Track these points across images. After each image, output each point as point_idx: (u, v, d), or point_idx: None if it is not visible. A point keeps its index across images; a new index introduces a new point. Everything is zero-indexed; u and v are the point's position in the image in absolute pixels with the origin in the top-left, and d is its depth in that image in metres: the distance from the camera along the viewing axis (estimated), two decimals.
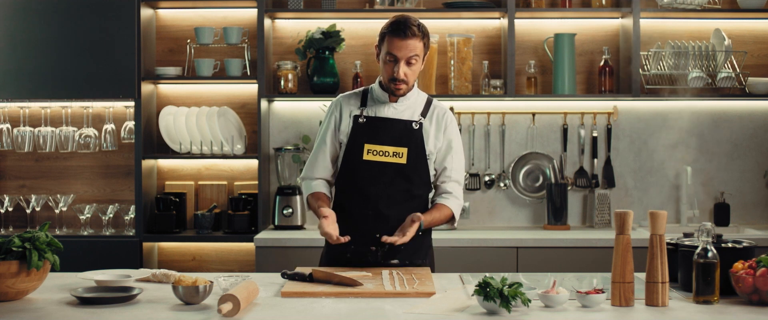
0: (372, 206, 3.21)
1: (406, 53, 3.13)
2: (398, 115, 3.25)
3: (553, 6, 4.89)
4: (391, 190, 3.21)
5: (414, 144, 3.22)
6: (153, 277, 3.02)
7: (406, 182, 3.22)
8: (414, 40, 3.12)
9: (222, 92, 4.98)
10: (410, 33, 3.12)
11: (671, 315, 2.51)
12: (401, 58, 3.13)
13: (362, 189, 3.22)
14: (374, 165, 3.20)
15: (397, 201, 3.22)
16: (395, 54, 3.13)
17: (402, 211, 3.20)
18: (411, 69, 3.17)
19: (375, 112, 3.25)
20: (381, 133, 3.22)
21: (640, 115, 4.93)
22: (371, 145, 3.21)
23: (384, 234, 3.17)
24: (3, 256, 2.67)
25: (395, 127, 3.23)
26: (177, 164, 4.98)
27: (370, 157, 3.21)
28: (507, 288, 2.46)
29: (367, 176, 3.21)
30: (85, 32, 4.64)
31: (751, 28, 4.94)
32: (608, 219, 4.81)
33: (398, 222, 3.19)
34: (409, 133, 3.22)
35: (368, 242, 3.20)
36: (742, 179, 4.93)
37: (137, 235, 4.67)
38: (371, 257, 3.21)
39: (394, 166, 3.20)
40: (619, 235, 2.62)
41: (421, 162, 3.23)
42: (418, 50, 3.15)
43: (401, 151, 3.21)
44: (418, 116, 3.25)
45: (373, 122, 3.24)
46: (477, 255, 4.36)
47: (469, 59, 4.79)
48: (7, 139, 4.84)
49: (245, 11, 4.92)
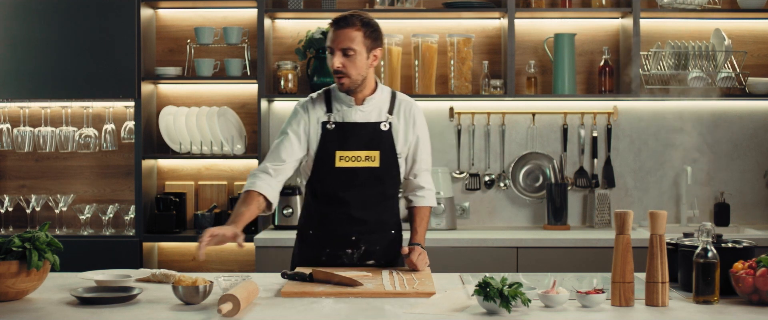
0: (347, 210, 3.20)
1: (341, 43, 3.09)
2: (366, 117, 3.21)
3: (553, 6, 4.89)
4: (365, 193, 3.20)
5: (385, 146, 3.20)
6: (153, 277, 3.02)
7: (380, 184, 3.22)
8: (349, 30, 3.09)
9: (222, 92, 4.98)
10: (345, 23, 3.10)
11: (671, 315, 2.51)
12: (336, 48, 3.10)
13: (336, 195, 3.20)
14: (347, 171, 3.18)
15: (372, 203, 3.23)
16: (331, 45, 3.12)
17: (377, 213, 3.24)
18: (350, 60, 3.11)
19: (343, 117, 3.21)
20: (351, 139, 3.18)
21: (640, 115, 4.92)
22: (343, 152, 3.18)
23: (359, 237, 3.20)
24: (3, 256, 2.67)
25: (365, 130, 3.20)
26: (177, 164, 4.98)
27: (343, 163, 3.18)
28: (507, 288, 2.46)
29: (340, 182, 3.19)
30: (85, 32, 4.64)
31: (751, 28, 4.94)
32: (608, 219, 4.81)
33: (374, 224, 3.22)
34: (380, 136, 3.20)
35: (344, 245, 3.22)
36: (742, 179, 4.93)
37: (137, 235, 4.67)
38: (347, 259, 3.22)
39: (368, 170, 3.19)
40: (619, 235, 2.62)
41: (393, 163, 3.23)
42: (356, 41, 3.10)
43: (373, 154, 3.19)
44: (385, 115, 3.23)
45: (342, 128, 3.19)
46: (477, 255, 4.36)
47: (469, 59, 4.79)
48: (7, 139, 4.84)
49: (245, 11, 4.92)
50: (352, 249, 3.22)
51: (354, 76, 3.14)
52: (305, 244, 3.29)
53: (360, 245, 3.22)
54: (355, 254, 3.23)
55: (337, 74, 3.13)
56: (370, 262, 3.25)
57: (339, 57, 3.11)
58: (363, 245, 3.23)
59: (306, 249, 3.27)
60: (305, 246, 3.28)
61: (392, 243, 3.29)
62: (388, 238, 3.28)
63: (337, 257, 3.22)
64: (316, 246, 3.23)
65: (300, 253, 3.31)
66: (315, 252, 3.23)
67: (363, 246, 3.23)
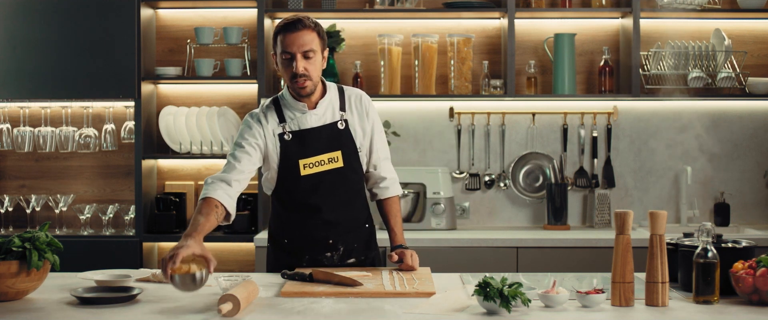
0: (320, 215, 3.18)
1: (301, 46, 3.03)
2: (321, 120, 3.17)
3: (553, 6, 4.89)
4: (334, 195, 3.18)
5: (345, 144, 3.18)
6: (153, 277, 3.02)
7: (347, 182, 3.20)
8: (305, 32, 3.04)
9: (222, 92, 4.98)
10: (300, 25, 3.04)
11: (671, 315, 2.51)
12: (297, 52, 3.04)
13: (306, 201, 3.17)
14: (313, 177, 3.15)
15: (343, 203, 3.21)
16: (289, 50, 3.05)
17: (348, 211, 3.23)
18: (311, 63, 3.05)
19: (298, 125, 3.15)
20: (312, 145, 3.14)
21: (640, 115, 4.92)
22: (306, 160, 3.13)
23: (336, 239, 3.20)
24: (3, 256, 2.67)
25: (323, 133, 3.16)
26: (177, 164, 4.98)
27: (308, 170, 3.13)
28: (507, 288, 2.46)
29: (308, 188, 3.16)
30: (85, 32, 4.64)
31: (751, 28, 4.94)
32: (608, 219, 4.81)
33: (348, 223, 3.22)
34: (338, 135, 3.17)
35: (322, 249, 3.21)
36: (742, 179, 4.93)
37: (137, 235, 4.67)
38: (327, 262, 3.22)
39: (333, 172, 3.16)
40: (619, 235, 2.62)
41: (355, 159, 3.20)
42: (313, 43, 3.05)
43: (335, 155, 3.16)
44: (338, 113, 3.19)
45: (300, 136, 3.14)
46: (477, 255, 4.36)
47: (469, 59, 4.79)
48: (7, 139, 4.84)
49: (245, 11, 4.92)
50: (331, 252, 3.21)
51: (315, 78, 3.10)
52: (282, 252, 3.25)
53: (338, 246, 3.22)
54: (334, 256, 3.22)
55: (301, 78, 3.06)
56: (350, 261, 3.24)
57: (301, 60, 3.04)
58: (341, 246, 3.22)
59: (283, 256, 3.24)
60: (282, 254, 3.25)
61: (368, 238, 3.31)
62: (364, 235, 3.28)
63: (318, 261, 3.21)
64: (294, 254, 3.21)
65: (276, 260, 3.27)
66: (293, 260, 3.20)
67: (341, 248, 3.22)
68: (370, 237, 3.33)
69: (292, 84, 3.09)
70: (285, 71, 3.09)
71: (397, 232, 3.27)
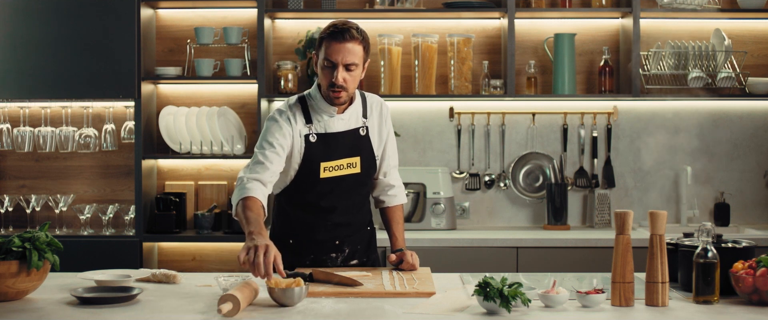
0: (331, 217, 3.19)
1: (345, 58, 2.99)
2: (346, 125, 3.16)
3: (553, 6, 4.89)
4: (347, 198, 3.19)
5: (364, 150, 3.18)
6: (153, 277, 3.02)
7: (362, 187, 3.22)
8: (352, 44, 3.00)
9: (222, 92, 4.98)
10: (349, 36, 2.99)
11: (671, 315, 2.51)
12: (339, 63, 2.99)
13: (320, 204, 3.17)
14: (331, 180, 3.14)
15: (353, 206, 3.23)
16: (333, 59, 3.00)
17: (359, 215, 3.25)
18: (350, 75, 3.02)
19: (325, 128, 3.13)
20: (335, 149, 3.13)
21: (640, 115, 4.93)
22: (327, 163, 3.12)
23: (342, 240, 3.20)
24: (3, 256, 2.67)
25: (347, 138, 3.15)
26: (177, 164, 4.98)
27: (327, 174, 3.12)
28: (507, 288, 2.46)
29: (325, 191, 3.15)
30: (85, 32, 4.64)
31: (751, 28, 4.94)
32: (608, 219, 4.81)
33: (356, 226, 3.23)
34: (359, 141, 3.17)
35: (328, 250, 3.22)
36: (742, 179, 4.93)
37: (137, 235, 4.67)
38: (331, 263, 3.22)
39: (351, 177, 3.16)
40: (619, 235, 2.62)
41: (372, 165, 3.22)
42: (357, 56, 3.01)
43: (354, 160, 3.15)
44: (361, 119, 3.19)
45: (325, 139, 3.13)
46: (477, 255, 4.37)
47: (469, 59, 4.79)
48: (7, 139, 4.84)
49: (245, 11, 4.92)
50: (336, 254, 3.22)
51: (351, 90, 3.09)
52: (285, 252, 3.23)
53: (344, 248, 3.23)
54: (339, 257, 3.23)
55: (338, 89, 3.04)
56: (353, 262, 3.25)
57: (342, 72, 3.01)
58: (347, 247, 3.23)
59: (286, 256, 3.21)
60: (285, 254, 3.23)
61: (370, 240, 3.33)
62: (366, 236, 3.31)
63: (322, 262, 3.21)
64: (299, 254, 3.20)
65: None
66: (297, 259, 3.20)
67: (347, 249, 3.23)
68: (371, 238, 3.34)
69: (328, 91, 3.06)
70: (324, 77, 3.05)
71: (399, 237, 3.28)
